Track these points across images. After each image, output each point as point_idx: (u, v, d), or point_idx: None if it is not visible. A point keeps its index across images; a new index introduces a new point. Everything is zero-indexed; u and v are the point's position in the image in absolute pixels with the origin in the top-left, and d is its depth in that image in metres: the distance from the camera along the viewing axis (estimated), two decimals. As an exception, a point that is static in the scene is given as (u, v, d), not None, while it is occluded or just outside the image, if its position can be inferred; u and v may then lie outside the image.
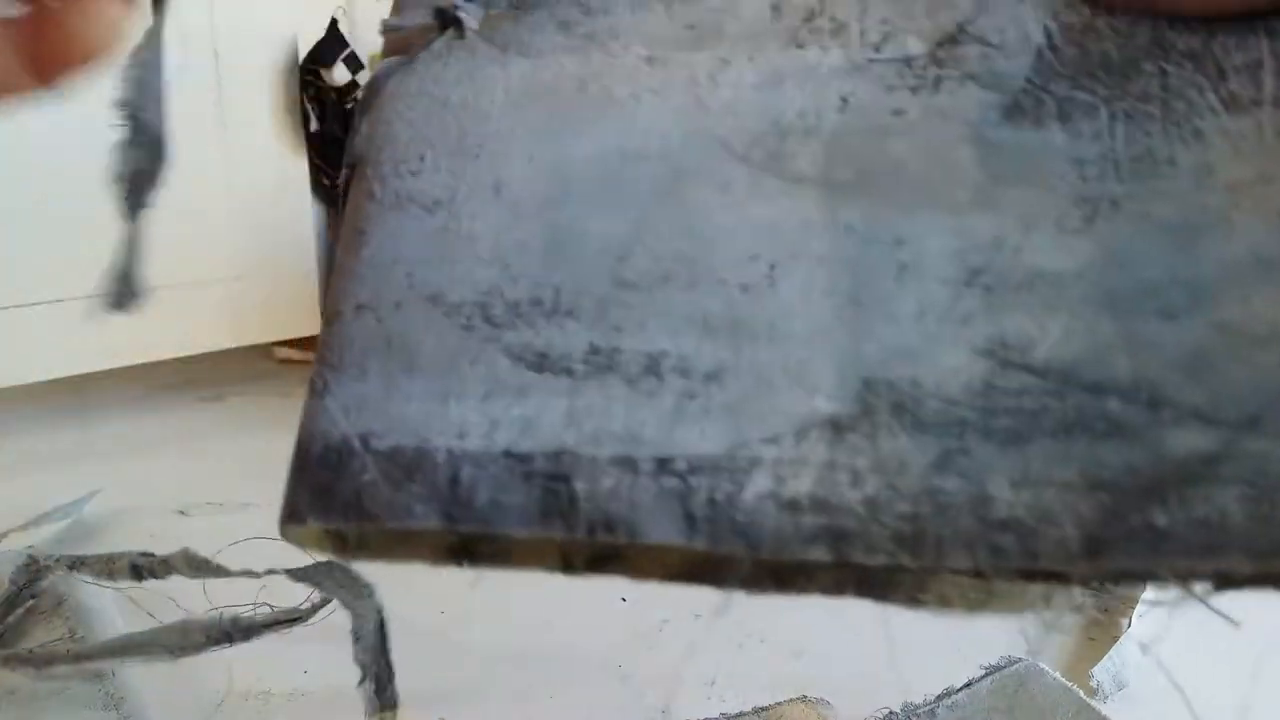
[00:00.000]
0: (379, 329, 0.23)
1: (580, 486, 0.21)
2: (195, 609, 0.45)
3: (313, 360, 0.25)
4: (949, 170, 0.22)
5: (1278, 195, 0.21)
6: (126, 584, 0.46)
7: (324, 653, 0.46)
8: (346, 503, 0.21)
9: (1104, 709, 0.42)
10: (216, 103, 0.79)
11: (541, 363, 0.22)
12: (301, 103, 0.84)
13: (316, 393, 0.23)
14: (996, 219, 0.21)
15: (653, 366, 0.22)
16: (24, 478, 0.70)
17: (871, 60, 0.23)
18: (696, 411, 0.21)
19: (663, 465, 0.21)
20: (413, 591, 0.29)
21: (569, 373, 0.22)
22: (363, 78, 0.84)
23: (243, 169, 0.81)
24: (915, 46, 0.23)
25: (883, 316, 0.21)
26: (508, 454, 0.21)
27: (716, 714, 0.43)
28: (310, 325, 0.84)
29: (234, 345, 0.83)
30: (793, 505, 0.20)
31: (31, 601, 0.50)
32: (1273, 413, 0.19)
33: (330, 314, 0.23)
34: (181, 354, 0.81)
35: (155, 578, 0.43)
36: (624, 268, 0.22)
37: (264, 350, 0.90)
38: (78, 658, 0.41)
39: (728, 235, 0.22)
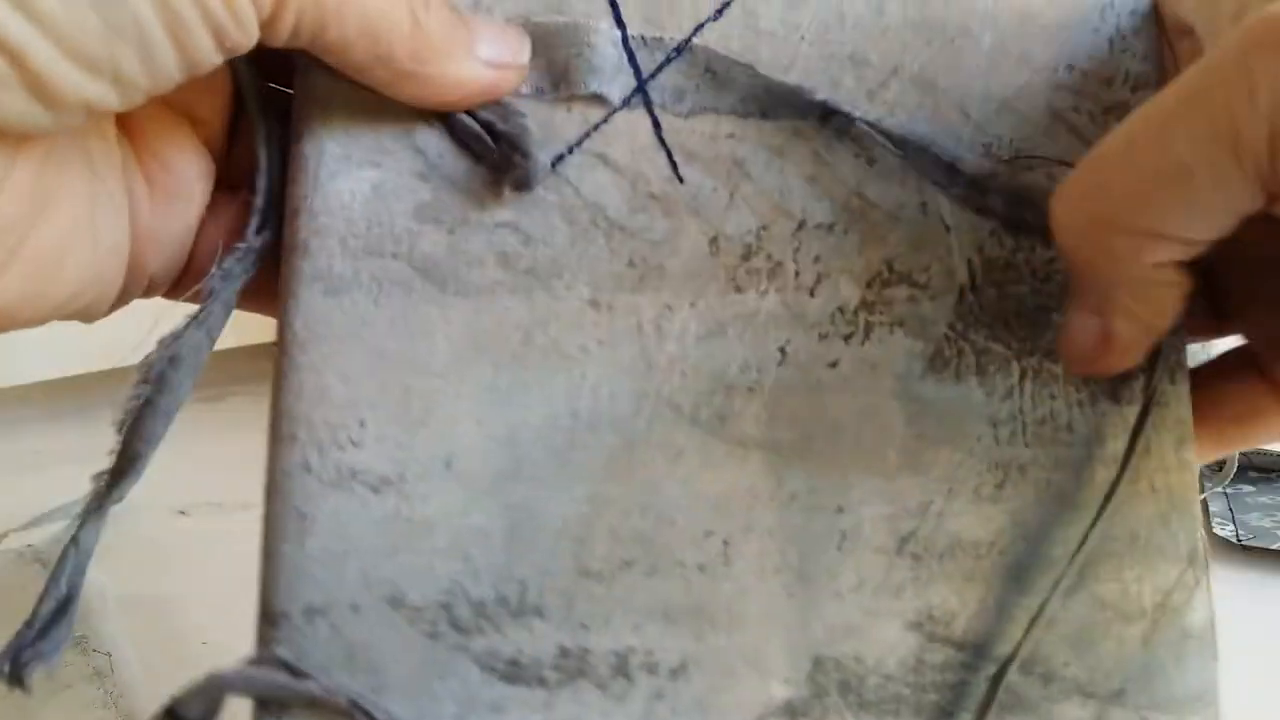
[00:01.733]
0: (337, 638, 0.21)
1: None
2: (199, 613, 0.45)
3: None
4: (881, 429, 0.24)
5: (1155, 469, 0.23)
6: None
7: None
8: None
9: None
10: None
11: (513, 672, 0.21)
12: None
13: (273, 712, 0.21)
14: (923, 483, 0.23)
15: (622, 666, 0.22)
16: (24, 478, 0.70)
17: (806, 305, 0.24)
18: (665, 713, 0.22)
19: None
20: None
21: (542, 682, 0.22)
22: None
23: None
24: (847, 289, 0.24)
25: (828, 592, 0.23)
26: None
27: None
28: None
29: (234, 345, 0.83)
30: None
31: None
32: (1134, 685, 0.23)
33: (274, 613, 0.21)
34: (182, 354, 0.80)
35: None
36: (585, 553, 0.22)
37: (264, 350, 0.90)
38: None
39: (682, 511, 0.23)
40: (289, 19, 0.19)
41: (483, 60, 0.22)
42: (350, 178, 0.22)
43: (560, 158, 0.23)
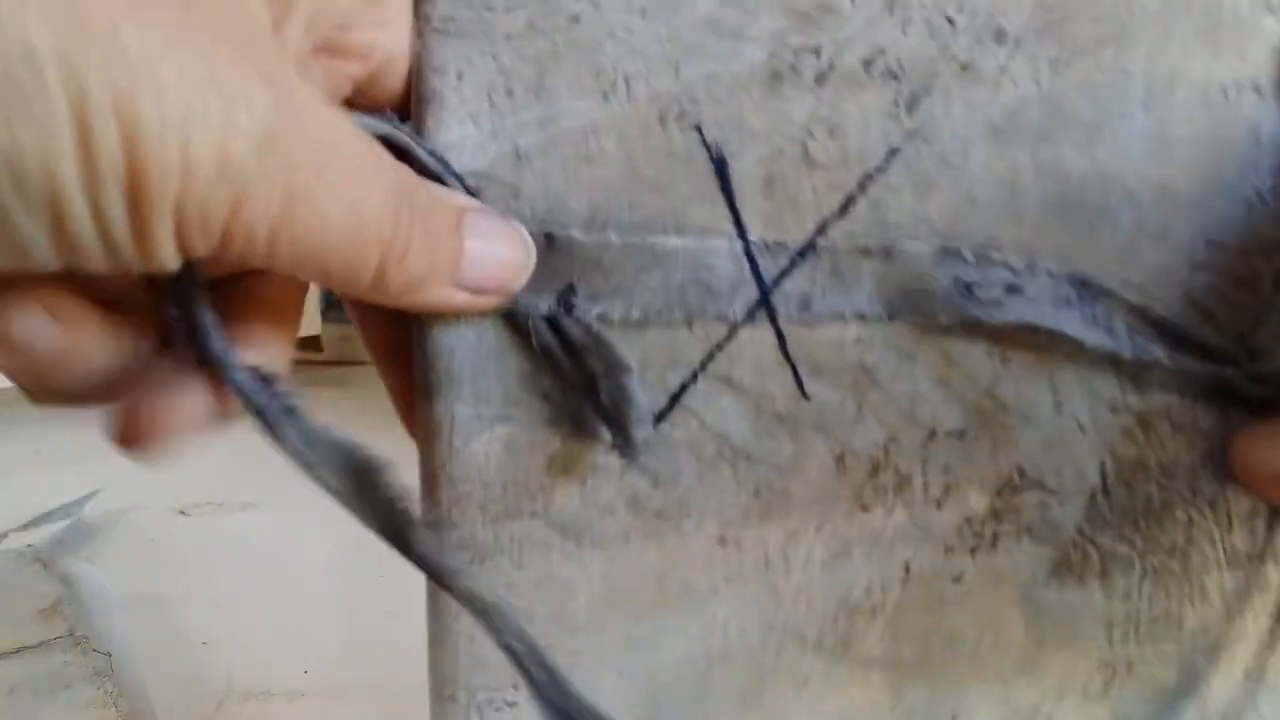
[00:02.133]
0: None
1: None
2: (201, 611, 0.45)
3: (314, 360, 0.24)
4: (1000, 638, 0.24)
5: (1247, 653, 0.24)
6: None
7: (324, 653, 0.46)
8: None
9: None
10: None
11: None
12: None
13: None
14: (1035, 686, 0.24)
15: None
16: (24, 478, 0.70)
17: (933, 519, 0.23)
18: None
19: None
20: None
21: None
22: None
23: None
24: (976, 500, 0.23)
25: None
26: None
27: None
28: (312, 325, 0.84)
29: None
30: None
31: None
32: None
33: None
34: (182, 354, 0.81)
35: None
36: None
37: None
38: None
39: None
40: (229, 259, 0.16)
41: (463, 286, 0.20)
42: (483, 438, 0.21)
43: (678, 397, 0.22)
